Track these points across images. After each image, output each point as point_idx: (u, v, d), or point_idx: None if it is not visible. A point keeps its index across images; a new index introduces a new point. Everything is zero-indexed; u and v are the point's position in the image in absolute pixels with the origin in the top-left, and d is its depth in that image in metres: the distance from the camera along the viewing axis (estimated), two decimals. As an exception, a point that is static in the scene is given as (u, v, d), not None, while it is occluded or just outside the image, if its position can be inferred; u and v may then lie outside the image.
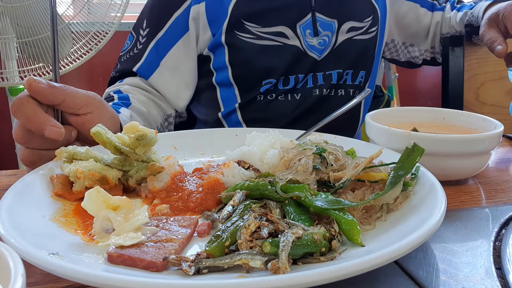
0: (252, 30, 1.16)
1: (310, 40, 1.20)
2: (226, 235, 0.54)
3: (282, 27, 1.17)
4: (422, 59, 1.49)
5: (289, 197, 0.62)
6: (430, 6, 1.43)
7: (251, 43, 1.17)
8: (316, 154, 0.72)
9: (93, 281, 0.44)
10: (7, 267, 0.35)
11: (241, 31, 1.16)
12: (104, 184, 0.71)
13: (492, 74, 1.48)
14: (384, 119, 0.96)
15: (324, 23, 1.21)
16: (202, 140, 0.96)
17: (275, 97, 1.22)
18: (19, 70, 2.16)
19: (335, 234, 0.55)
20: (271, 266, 0.48)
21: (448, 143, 0.79)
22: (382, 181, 0.67)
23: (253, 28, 1.16)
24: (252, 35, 1.17)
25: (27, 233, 0.54)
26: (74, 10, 2.20)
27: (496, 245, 0.62)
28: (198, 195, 0.69)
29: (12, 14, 2.03)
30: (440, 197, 0.61)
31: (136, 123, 0.76)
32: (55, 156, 0.73)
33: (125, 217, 0.59)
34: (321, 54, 1.22)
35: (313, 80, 1.23)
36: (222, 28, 1.16)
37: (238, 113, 1.25)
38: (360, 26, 1.25)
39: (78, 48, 2.19)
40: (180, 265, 0.50)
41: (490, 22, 1.16)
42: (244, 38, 1.17)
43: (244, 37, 1.17)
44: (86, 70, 2.63)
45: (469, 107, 1.44)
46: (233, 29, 1.16)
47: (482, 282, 0.53)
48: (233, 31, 1.17)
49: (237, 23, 1.16)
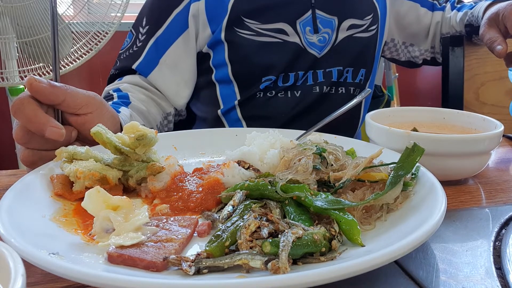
0: (252, 27, 1.16)
1: (310, 37, 1.20)
2: (226, 235, 0.54)
3: (282, 24, 1.17)
4: (422, 59, 1.49)
5: (289, 197, 0.62)
6: (431, 6, 1.43)
7: (251, 39, 1.17)
8: (316, 154, 0.72)
9: (93, 281, 0.44)
10: (7, 267, 0.35)
11: (240, 27, 1.16)
12: (104, 184, 0.71)
13: (492, 74, 1.48)
14: (384, 119, 0.96)
15: (324, 20, 1.21)
16: (202, 140, 0.96)
17: (275, 94, 1.22)
18: (19, 70, 2.16)
19: (335, 234, 0.55)
20: (271, 266, 0.48)
21: (448, 143, 0.79)
22: (382, 181, 0.67)
23: (253, 24, 1.16)
24: (251, 31, 1.17)
25: (27, 233, 0.54)
26: (74, 10, 2.20)
27: (496, 245, 0.62)
28: (198, 195, 0.69)
29: (12, 14, 2.03)
30: (440, 197, 0.61)
31: (136, 123, 0.76)
32: (55, 156, 0.73)
33: (125, 217, 0.59)
34: (321, 51, 1.22)
35: (313, 77, 1.22)
36: (222, 25, 1.16)
37: (238, 110, 1.25)
38: (361, 24, 1.25)
39: (78, 48, 2.19)
40: (180, 265, 0.50)
41: (490, 22, 1.16)
42: (243, 35, 1.17)
43: (244, 34, 1.17)
44: (86, 70, 2.63)
45: (469, 107, 1.44)
46: (232, 26, 1.16)
47: (482, 282, 0.53)
48: (232, 28, 1.16)
49: (237, 19, 1.16)
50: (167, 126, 1.26)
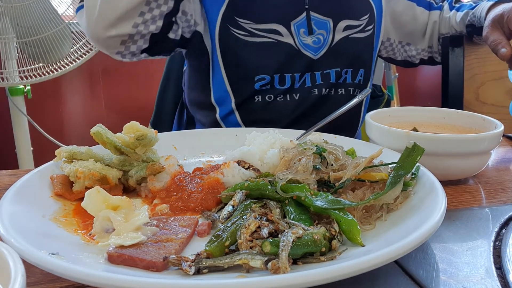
0: (246, 27, 1.16)
1: (304, 38, 1.20)
2: (226, 235, 0.54)
3: (276, 25, 1.17)
4: (420, 58, 1.48)
5: (289, 197, 0.62)
6: (427, 5, 1.43)
7: (244, 40, 1.17)
8: (316, 154, 0.72)
9: (93, 281, 0.44)
10: (7, 267, 0.35)
11: (235, 27, 1.16)
12: (104, 184, 0.71)
13: (492, 74, 1.48)
14: (384, 119, 0.96)
15: (318, 22, 1.20)
16: (202, 140, 0.96)
17: (274, 98, 1.22)
18: (19, 70, 2.16)
19: (335, 234, 0.55)
20: (271, 266, 0.48)
21: (448, 143, 0.79)
22: (382, 181, 0.67)
23: (247, 24, 1.16)
24: (245, 31, 1.16)
25: (27, 233, 0.54)
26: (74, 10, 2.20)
27: (496, 245, 0.62)
28: (198, 195, 0.69)
29: (12, 14, 2.03)
30: (440, 197, 0.61)
31: (136, 123, 0.76)
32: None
33: (125, 217, 0.59)
34: (316, 53, 1.21)
35: (311, 80, 1.22)
36: (217, 21, 1.15)
37: (237, 114, 1.24)
38: (357, 24, 1.25)
39: (78, 48, 2.19)
40: (180, 265, 0.50)
41: (494, 24, 1.15)
42: (237, 34, 1.16)
43: (237, 34, 1.16)
44: (86, 70, 2.63)
45: (469, 107, 1.44)
46: (226, 23, 1.16)
47: (482, 281, 0.53)
48: (226, 25, 1.16)
49: (231, 19, 1.15)
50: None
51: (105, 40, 1.07)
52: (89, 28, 1.07)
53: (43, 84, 2.24)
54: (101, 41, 1.07)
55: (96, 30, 1.05)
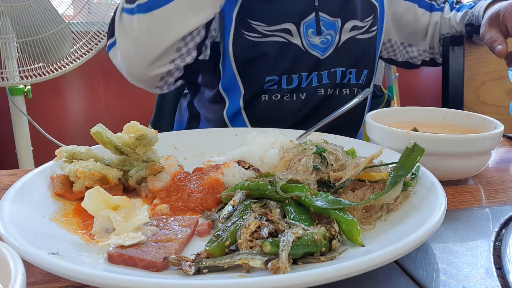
0: (258, 29, 1.16)
1: (312, 39, 1.20)
2: (226, 235, 0.54)
3: (288, 24, 1.18)
4: (421, 59, 1.49)
5: (289, 197, 0.62)
6: (429, 6, 1.43)
7: (255, 41, 1.17)
8: (316, 154, 0.72)
9: (93, 281, 0.44)
10: (7, 266, 0.35)
11: (248, 30, 1.16)
12: (104, 184, 0.71)
13: (492, 74, 1.48)
14: (384, 119, 0.96)
15: (327, 23, 1.21)
16: (202, 140, 0.96)
17: (280, 98, 1.22)
18: (19, 70, 2.16)
19: (335, 234, 0.55)
20: (271, 266, 0.48)
21: (448, 143, 0.79)
22: (382, 181, 0.67)
23: (259, 26, 1.16)
24: (257, 33, 1.17)
25: (27, 233, 0.54)
26: (74, 10, 2.20)
27: (496, 245, 0.62)
28: (198, 195, 0.69)
29: (12, 14, 2.03)
30: (440, 197, 0.61)
31: (136, 123, 0.76)
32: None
33: (125, 217, 0.59)
34: (324, 53, 1.22)
35: (317, 79, 1.23)
36: (230, 32, 1.16)
37: (243, 113, 1.24)
38: (362, 25, 1.26)
39: (78, 48, 2.19)
40: (180, 265, 0.50)
41: (490, 22, 1.16)
42: (249, 37, 1.17)
43: (249, 36, 1.17)
44: (86, 70, 2.63)
45: (469, 107, 1.44)
46: (240, 28, 1.16)
47: (482, 282, 0.53)
48: (240, 30, 1.16)
49: (244, 23, 1.16)
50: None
51: (144, 80, 1.09)
52: (127, 69, 1.08)
53: (43, 84, 2.24)
54: (141, 81, 1.10)
55: (135, 71, 1.07)
